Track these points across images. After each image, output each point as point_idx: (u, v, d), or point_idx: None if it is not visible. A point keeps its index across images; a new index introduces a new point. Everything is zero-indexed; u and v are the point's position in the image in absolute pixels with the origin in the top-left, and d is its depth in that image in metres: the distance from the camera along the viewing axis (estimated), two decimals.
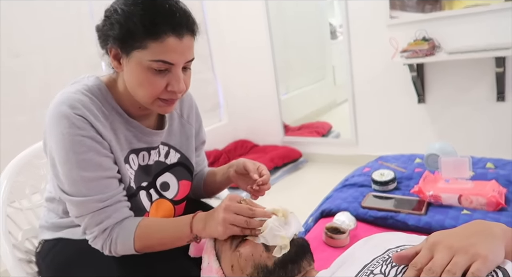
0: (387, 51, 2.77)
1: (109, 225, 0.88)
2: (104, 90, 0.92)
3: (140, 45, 0.82)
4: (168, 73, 0.85)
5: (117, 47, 0.85)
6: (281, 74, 3.54)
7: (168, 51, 0.82)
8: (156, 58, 0.82)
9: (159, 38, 0.81)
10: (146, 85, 0.85)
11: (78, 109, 0.85)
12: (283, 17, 3.61)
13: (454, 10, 2.56)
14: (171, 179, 1.06)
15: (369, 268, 0.70)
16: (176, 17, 0.82)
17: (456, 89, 2.72)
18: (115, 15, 0.83)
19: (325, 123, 3.71)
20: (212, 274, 0.83)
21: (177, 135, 1.08)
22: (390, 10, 2.75)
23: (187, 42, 0.85)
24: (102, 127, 0.88)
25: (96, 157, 0.86)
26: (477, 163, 1.41)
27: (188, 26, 0.85)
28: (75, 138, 0.84)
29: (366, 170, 1.49)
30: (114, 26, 0.83)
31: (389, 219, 1.13)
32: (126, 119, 0.94)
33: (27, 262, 1.06)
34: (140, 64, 0.84)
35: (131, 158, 0.96)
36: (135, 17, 0.81)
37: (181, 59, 0.85)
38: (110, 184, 0.88)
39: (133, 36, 0.82)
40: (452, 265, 0.55)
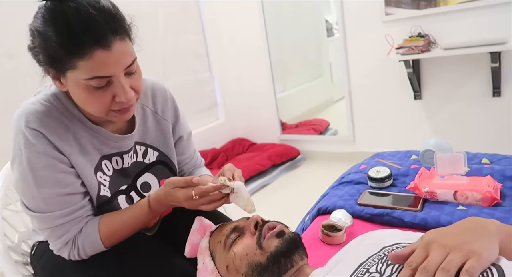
0: (382, 48, 2.77)
1: (70, 238, 0.89)
2: (64, 98, 0.88)
3: (70, 65, 0.76)
4: (110, 85, 0.80)
5: (51, 69, 0.80)
6: (277, 72, 3.53)
7: (100, 65, 0.76)
8: (90, 76, 0.77)
9: (84, 55, 0.74)
10: (92, 103, 0.82)
11: (34, 123, 0.82)
12: (279, 15, 3.61)
13: (449, 6, 2.56)
14: (151, 179, 1.04)
15: (364, 267, 0.70)
16: (94, 26, 0.74)
17: (452, 85, 2.73)
18: (34, 37, 0.77)
19: (322, 120, 3.72)
20: (207, 274, 0.84)
21: (153, 133, 1.04)
22: (386, 6, 2.75)
23: (119, 48, 0.77)
24: (61, 140, 0.85)
25: (53, 173, 0.84)
26: (472, 159, 1.41)
27: (114, 31, 0.76)
28: (31, 155, 0.82)
29: (362, 167, 1.49)
30: (38, 51, 0.78)
31: (386, 216, 1.13)
32: (90, 126, 0.90)
33: (23, 264, 1.06)
34: (77, 83, 0.79)
35: (104, 164, 0.94)
36: (51, 40, 0.74)
37: (118, 68, 0.78)
38: (69, 200, 0.87)
39: (58, 59, 0.76)
40: (447, 263, 0.56)
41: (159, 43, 3.12)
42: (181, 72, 3.31)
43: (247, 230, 0.83)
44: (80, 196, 0.89)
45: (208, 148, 3.45)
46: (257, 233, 0.81)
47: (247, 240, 0.81)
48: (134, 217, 0.91)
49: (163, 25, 3.17)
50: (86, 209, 0.90)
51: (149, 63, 3.06)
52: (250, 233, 0.82)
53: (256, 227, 0.82)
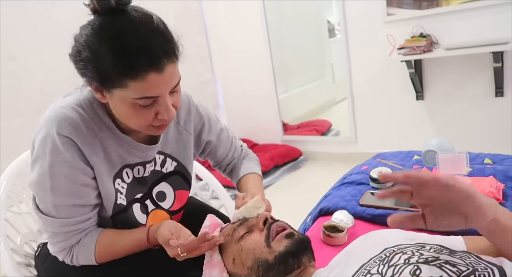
0: (384, 48, 2.77)
1: (67, 246, 0.90)
2: (96, 104, 0.87)
3: (119, 84, 0.76)
4: (155, 103, 0.80)
5: (96, 83, 0.80)
6: (279, 73, 3.54)
7: (151, 87, 0.76)
8: (139, 96, 0.77)
9: (137, 77, 0.74)
10: (134, 118, 0.82)
11: (66, 129, 0.82)
12: (281, 16, 3.62)
13: (451, 6, 2.56)
14: (167, 189, 1.04)
15: (366, 268, 0.70)
16: (151, 50, 0.75)
17: (455, 85, 2.72)
18: (85, 52, 0.76)
19: (324, 121, 3.72)
20: (214, 267, 0.84)
21: (173, 143, 1.04)
22: (387, 7, 2.75)
23: (169, 71, 0.78)
24: (89, 148, 0.85)
25: (71, 184, 0.84)
26: (474, 159, 1.40)
27: (167, 55, 0.77)
28: (55, 162, 0.82)
29: (364, 168, 1.49)
30: (87, 66, 0.77)
31: (387, 217, 1.13)
32: (118, 134, 0.90)
33: (26, 266, 1.07)
34: (123, 100, 0.79)
35: (125, 172, 0.94)
36: (106, 59, 0.74)
37: (166, 90, 0.80)
38: (78, 210, 0.88)
39: (109, 77, 0.76)
40: None
41: None
42: (184, 74, 3.25)
43: (256, 227, 0.84)
44: (90, 208, 0.90)
45: None
46: (266, 230, 0.82)
47: (256, 236, 0.82)
48: (132, 245, 0.91)
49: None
50: (90, 221, 0.91)
51: None
52: (259, 229, 0.83)
53: (265, 224, 0.83)
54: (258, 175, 1.18)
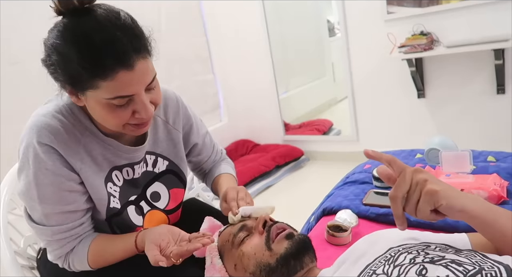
0: (385, 47, 2.77)
1: (62, 254, 0.90)
2: (76, 109, 0.86)
3: (91, 85, 0.74)
4: (131, 102, 0.78)
5: (69, 86, 0.78)
6: (280, 73, 3.53)
7: (123, 86, 0.74)
8: (112, 96, 0.75)
9: (107, 77, 0.72)
10: (111, 119, 0.80)
11: (46, 137, 0.81)
12: (280, 15, 3.61)
13: (451, 4, 2.55)
14: (161, 188, 1.03)
15: (371, 268, 0.69)
16: (119, 47, 0.72)
17: (456, 83, 2.71)
18: (53, 56, 0.74)
19: (326, 120, 3.71)
20: (215, 273, 0.84)
21: (163, 142, 1.03)
22: (387, 5, 2.74)
23: (141, 67, 0.75)
24: (72, 154, 0.84)
25: (57, 191, 0.84)
26: (478, 157, 1.40)
27: (137, 51, 0.74)
28: (39, 171, 0.82)
29: (367, 167, 1.49)
30: (57, 69, 0.75)
31: (391, 216, 1.13)
32: (101, 137, 0.89)
33: (29, 269, 1.06)
34: (98, 102, 0.77)
35: (115, 175, 0.93)
36: (74, 61, 0.72)
37: (140, 87, 0.77)
38: (69, 216, 0.87)
39: (79, 79, 0.74)
40: None
41: (162, 46, 3.10)
42: (184, 74, 3.31)
43: (256, 229, 0.83)
44: (81, 214, 0.89)
45: None
46: (265, 233, 0.80)
47: (256, 240, 0.81)
48: (122, 252, 0.90)
49: (166, 27, 3.17)
50: (83, 226, 0.90)
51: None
52: (258, 232, 0.82)
53: (264, 227, 0.82)
54: (233, 176, 1.18)
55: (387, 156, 0.69)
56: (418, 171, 0.64)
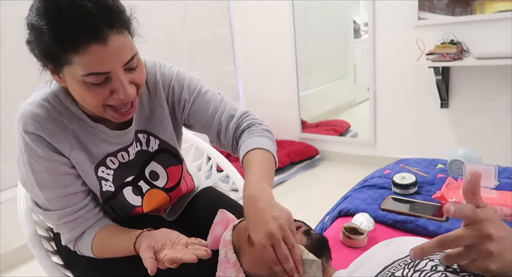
0: (412, 53, 2.73)
1: (72, 239, 0.91)
2: (63, 96, 0.85)
3: (65, 61, 0.72)
4: (109, 81, 0.75)
5: (48, 64, 0.76)
6: (301, 70, 3.52)
7: (96, 61, 0.71)
8: (86, 72, 0.72)
9: (79, 50, 0.69)
10: (89, 98, 0.77)
11: (31, 126, 0.81)
12: (307, 12, 3.58)
13: (485, 14, 2.50)
14: (158, 168, 1.02)
15: (390, 270, 0.69)
16: (89, 20, 0.69)
17: (482, 96, 2.66)
18: (29, 30, 0.73)
19: (343, 121, 3.69)
20: (229, 267, 0.83)
21: (151, 119, 0.98)
22: (419, 11, 2.70)
23: (116, 43, 0.72)
24: (60, 141, 0.84)
25: (53, 176, 0.84)
26: (502, 173, 1.37)
27: (110, 24, 0.71)
28: (31, 158, 0.83)
29: (387, 172, 1.47)
30: (33, 46, 0.74)
31: (409, 224, 1.12)
32: (89, 123, 0.87)
33: (47, 240, 1.08)
34: (74, 79, 0.75)
35: (109, 160, 0.93)
36: (45, 34, 0.70)
37: (115, 64, 0.74)
38: (71, 199, 0.88)
39: (53, 54, 0.72)
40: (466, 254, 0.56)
41: (186, 34, 3.14)
42: (206, 63, 3.32)
43: None
44: (82, 195, 0.90)
45: None
46: None
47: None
48: (122, 251, 0.89)
49: (192, 16, 3.18)
50: (87, 208, 0.91)
51: (176, 53, 3.08)
52: None
53: None
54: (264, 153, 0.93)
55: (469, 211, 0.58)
56: (490, 240, 0.55)
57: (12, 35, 2.11)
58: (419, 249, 0.58)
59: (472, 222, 0.56)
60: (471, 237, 0.55)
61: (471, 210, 0.56)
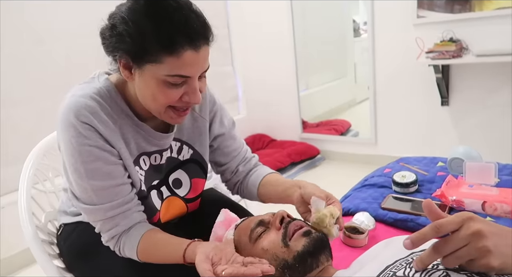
0: (412, 51, 2.72)
1: (117, 233, 0.89)
2: (113, 92, 0.89)
3: (154, 59, 0.78)
4: (184, 84, 0.82)
5: (128, 58, 0.80)
6: (301, 70, 3.52)
7: (185, 65, 0.78)
8: (172, 73, 0.79)
9: (175, 52, 0.76)
10: (161, 97, 0.82)
11: (85, 117, 0.83)
12: (306, 12, 3.58)
13: (485, 12, 2.50)
14: (183, 176, 1.04)
15: (391, 270, 0.69)
16: (192, 28, 0.77)
17: (482, 93, 2.66)
18: (124, 26, 0.77)
19: (344, 121, 3.68)
20: None
21: (189, 130, 1.03)
22: (418, 9, 2.70)
23: (204, 52, 0.81)
24: (111, 133, 0.86)
25: (105, 166, 0.85)
26: (502, 170, 1.37)
27: (204, 36, 0.80)
28: (83, 148, 0.83)
29: (387, 171, 1.47)
30: (125, 39, 0.78)
31: (410, 222, 1.12)
32: (136, 122, 0.91)
33: (49, 244, 1.08)
34: (154, 77, 0.80)
35: (142, 159, 0.95)
36: (149, 32, 0.76)
37: (198, 71, 0.82)
38: (120, 191, 0.88)
39: (147, 51, 0.77)
40: (462, 254, 0.56)
41: None
42: None
43: (273, 225, 0.82)
44: (129, 187, 0.90)
45: None
46: (283, 230, 0.80)
47: (272, 235, 0.81)
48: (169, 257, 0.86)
49: None
50: (133, 202, 0.90)
51: None
52: (275, 228, 0.82)
53: (281, 223, 0.82)
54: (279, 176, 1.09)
55: None
56: (482, 236, 0.55)
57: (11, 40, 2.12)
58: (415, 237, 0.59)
59: (444, 230, 0.57)
60: (462, 237, 0.55)
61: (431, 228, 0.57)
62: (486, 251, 0.55)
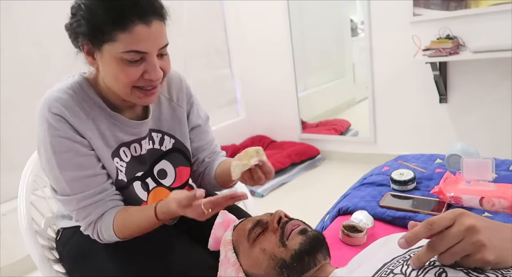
0: (409, 49, 2.73)
1: (92, 220, 0.93)
2: (86, 86, 0.93)
3: (109, 38, 0.81)
4: (143, 62, 0.85)
5: (88, 42, 0.85)
6: (299, 70, 3.52)
7: (138, 40, 0.81)
8: (127, 49, 0.82)
9: (126, 28, 0.80)
10: (122, 76, 0.85)
11: (56, 108, 0.87)
12: (304, 13, 3.59)
13: (480, 8, 2.50)
14: (167, 166, 1.06)
15: (389, 267, 0.69)
16: (140, 3, 0.81)
17: (480, 89, 2.66)
18: (80, 11, 0.83)
19: (343, 120, 3.69)
20: (229, 267, 0.84)
21: (169, 120, 1.07)
22: (414, 7, 2.71)
23: (157, 28, 0.84)
24: (82, 124, 0.89)
25: (75, 157, 0.88)
26: (500, 165, 1.37)
27: (155, 11, 0.83)
28: (54, 139, 0.87)
29: (385, 169, 1.48)
30: (81, 23, 0.83)
31: (408, 219, 1.11)
32: (109, 113, 0.94)
33: (49, 249, 1.09)
34: (113, 56, 0.84)
35: (122, 151, 0.97)
36: (100, 11, 0.80)
37: (153, 46, 0.84)
38: (91, 182, 0.91)
39: (101, 30, 0.81)
40: (458, 249, 0.56)
41: (181, 38, 3.16)
42: (201, 67, 3.32)
43: (270, 225, 0.83)
44: (102, 178, 0.93)
45: (228, 144, 3.47)
46: (280, 230, 0.80)
47: (270, 236, 0.81)
48: (144, 222, 0.92)
49: (187, 20, 3.20)
50: (107, 192, 0.93)
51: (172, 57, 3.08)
52: (273, 228, 0.82)
53: (279, 223, 0.82)
54: None
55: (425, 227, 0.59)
56: (476, 231, 0.55)
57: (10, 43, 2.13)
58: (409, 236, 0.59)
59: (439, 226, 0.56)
60: (456, 233, 0.56)
61: (424, 225, 0.57)
62: (481, 245, 0.55)
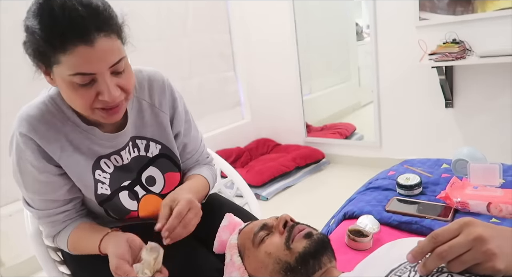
0: (415, 53, 2.72)
1: (51, 235, 0.97)
2: (59, 100, 0.88)
3: (54, 60, 0.75)
4: (95, 83, 0.78)
5: (41, 64, 0.79)
6: (304, 74, 3.52)
7: (82, 62, 0.74)
8: (72, 72, 0.75)
9: (67, 50, 0.73)
10: (76, 99, 0.80)
11: (24, 128, 0.85)
12: (309, 16, 3.60)
13: (487, 13, 2.49)
14: (155, 173, 1.03)
15: (396, 273, 0.68)
16: (78, 22, 0.72)
17: (487, 94, 2.64)
18: (25, 32, 0.77)
19: (348, 124, 3.68)
20: (234, 271, 0.84)
21: (152, 126, 1.01)
22: (420, 11, 2.70)
23: (102, 45, 0.75)
24: (50, 144, 0.87)
25: (35, 182, 0.90)
26: (507, 171, 1.36)
27: (99, 28, 0.74)
28: (20, 160, 0.88)
29: (391, 174, 1.47)
30: (26, 45, 0.78)
31: (414, 224, 1.11)
32: (83, 126, 0.90)
33: (54, 250, 1.09)
34: (63, 79, 0.78)
35: (103, 162, 0.95)
36: (37, 33, 0.74)
37: (101, 66, 0.76)
38: (49, 204, 0.93)
39: (43, 53, 0.76)
40: (467, 258, 0.55)
41: (186, 41, 3.18)
42: (206, 70, 3.33)
43: (276, 229, 0.83)
44: (62, 203, 0.94)
45: (233, 147, 3.47)
46: (286, 233, 0.80)
47: (276, 239, 0.81)
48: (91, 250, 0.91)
49: (191, 23, 3.21)
50: (66, 213, 0.95)
51: (177, 61, 3.10)
52: (278, 232, 0.82)
53: (285, 227, 0.82)
54: (206, 182, 1.09)
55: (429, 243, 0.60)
56: (484, 240, 0.55)
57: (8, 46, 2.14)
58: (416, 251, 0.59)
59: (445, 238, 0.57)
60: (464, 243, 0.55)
61: (429, 239, 0.58)
62: (491, 254, 0.54)
